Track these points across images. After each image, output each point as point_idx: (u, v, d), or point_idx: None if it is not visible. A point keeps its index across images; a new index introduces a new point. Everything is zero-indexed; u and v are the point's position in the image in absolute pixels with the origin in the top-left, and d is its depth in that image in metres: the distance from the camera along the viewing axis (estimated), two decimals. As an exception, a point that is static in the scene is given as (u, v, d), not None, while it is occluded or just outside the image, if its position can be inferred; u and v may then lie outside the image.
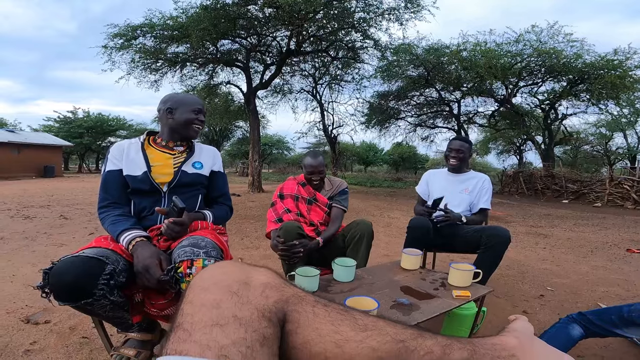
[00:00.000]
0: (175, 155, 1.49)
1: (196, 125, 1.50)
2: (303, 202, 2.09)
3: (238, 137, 28.97)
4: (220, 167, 1.61)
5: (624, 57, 10.57)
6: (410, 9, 8.83)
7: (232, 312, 0.48)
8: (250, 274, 0.55)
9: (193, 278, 0.56)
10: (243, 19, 8.91)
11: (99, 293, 1.02)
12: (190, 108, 1.48)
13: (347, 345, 0.53)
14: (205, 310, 0.48)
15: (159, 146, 1.51)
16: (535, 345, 0.62)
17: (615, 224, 6.25)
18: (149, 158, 1.43)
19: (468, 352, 0.57)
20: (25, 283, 2.33)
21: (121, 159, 1.41)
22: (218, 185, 1.59)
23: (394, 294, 1.36)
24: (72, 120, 24.65)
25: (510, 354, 0.59)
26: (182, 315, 0.49)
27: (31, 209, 6.08)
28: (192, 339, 0.45)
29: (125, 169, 1.39)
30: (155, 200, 1.40)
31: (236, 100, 15.01)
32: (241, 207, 6.98)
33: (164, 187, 1.41)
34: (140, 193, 1.39)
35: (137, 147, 1.46)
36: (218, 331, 0.46)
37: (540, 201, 11.82)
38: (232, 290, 0.51)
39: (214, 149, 1.64)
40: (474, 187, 2.31)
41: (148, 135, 1.55)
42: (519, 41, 11.22)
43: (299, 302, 0.55)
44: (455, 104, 15.68)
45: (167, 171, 1.43)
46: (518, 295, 2.42)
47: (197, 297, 0.51)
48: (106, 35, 9.20)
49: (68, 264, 1.02)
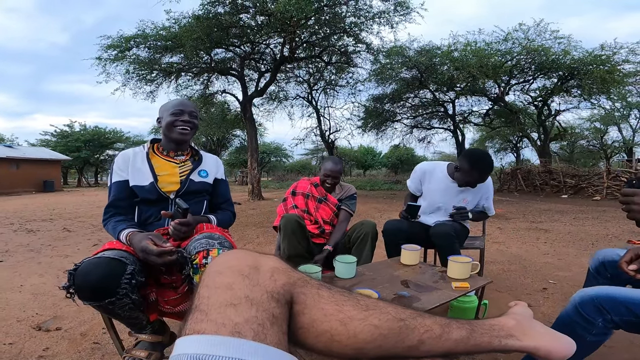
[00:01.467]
0: (180, 164, 1.50)
1: (179, 127, 1.45)
2: (313, 200, 2.20)
3: (236, 146, 29.10)
4: (222, 175, 1.64)
5: (611, 52, 10.74)
6: (400, 11, 9.00)
7: (244, 293, 0.52)
8: (260, 260, 0.59)
9: (209, 264, 0.60)
10: (236, 28, 9.02)
11: (122, 292, 1.06)
12: (170, 111, 1.45)
13: (351, 323, 0.56)
14: (220, 292, 0.52)
15: (163, 155, 1.52)
16: (533, 326, 0.66)
17: (615, 217, 6.31)
18: (154, 167, 1.43)
19: (467, 331, 0.61)
20: (34, 292, 2.37)
21: (126, 169, 1.41)
22: (221, 192, 1.62)
23: (395, 287, 1.39)
24: (69, 134, 24.72)
25: (509, 333, 0.63)
26: (199, 298, 0.53)
27: (34, 222, 6.12)
28: (208, 319, 0.49)
29: (132, 180, 1.40)
30: (162, 208, 1.42)
31: (232, 108, 15.10)
32: (242, 215, 7.01)
33: (171, 195, 1.43)
34: (147, 202, 1.41)
35: (143, 156, 1.46)
36: (232, 310, 0.50)
37: (540, 197, 11.88)
38: (244, 273, 0.55)
39: (216, 158, 1.66)
40: (473, 197, 2.13)
41: (152, 143, 1.55)
42: (507, 40, 11.39)
43: (305, 285, 0.59)
44: (450, 105, 15.82)
45: (174, 180, 1.45)
46: (521, 289, 2.44)
47: (212, 280, 0.55)
48: (100, 47, 9.29)
49: (92, 265, 1.06)
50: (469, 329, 0.61)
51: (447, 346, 0.59)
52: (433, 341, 0.58)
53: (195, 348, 0.46)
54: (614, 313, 0.87)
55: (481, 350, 0.62)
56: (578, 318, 0.91)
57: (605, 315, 0.88)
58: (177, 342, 0.49)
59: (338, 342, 0.56)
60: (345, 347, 0.56)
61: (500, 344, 0.62)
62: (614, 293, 0.89)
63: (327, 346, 0.57)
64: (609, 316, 0.88)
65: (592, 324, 0.89)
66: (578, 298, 0.93)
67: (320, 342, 0.57)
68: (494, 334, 0.63)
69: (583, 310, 0.91)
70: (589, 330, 0.89)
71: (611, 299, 0.88)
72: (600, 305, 0.89)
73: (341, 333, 0.56)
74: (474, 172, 1.93)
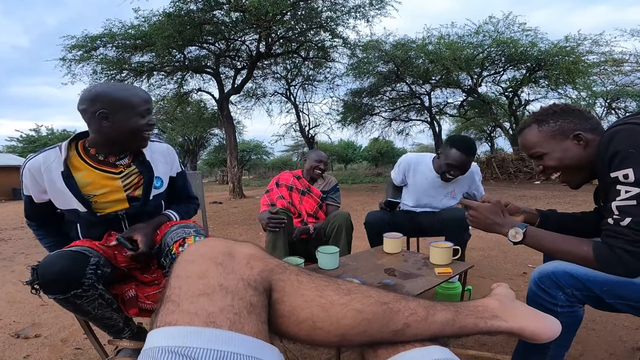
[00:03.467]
0: (122, 173, 1.17)
1: (147, 132, 1.16)
2: (297, 192, 2.19)
3: (215, 145, 28.55)
4: (178, 168, 1.36)
5: (575, 43, 11.19)
6: (375, 5, 9.03)
7: (217, 281, 0.50)
8: (235, 247, 0.56)
9: (180, 254, 0.57)
10: (209, 25, 8.81)
11: (88, 282, 1.00)
12: (137, 111, 1.11)
13: (333, 308, 0.54)
14: (191, 281, 0.50)
15: (95, 162, 1.15)
16: (517, 306, 0.65)
17: (586, 200, 6.57)
18: (83, 184, 1.11)
19: (452, 313, 0.59)
20: (9, 300, 2.29)
21: (40, 187, 1.12)
22: (178, 189, 1.37)
23: (379, 276, 1.40)
24: (36, 139, 23.66)
25: (493, 314, 0.62)
26: (170, 288, 0.50)
27: (5, 231, 5.89)
28: (180, 309, 0.46)
29: (56, 202, 1.13)
30: (111, 226, 1.20)
31: (209, 107, 14.82)
32: (224, 213, 6.91)
33: (119, 212, 1.18)
34: (89, 224, 1.18)
35: (61, 170, 1.08)
36: (205, 300, 0.47)
37: (514, 184, 12.31)
38: (217, 261, 0.52)
39: (166, 147, 1.32)
40: (461, 188, 2.08)
41: (75, 141, 1.17)
42: (478, 32, 11.69)
43: (283, 272, 0.57)
44: (426, 97, 16.12)
45: (117, 197, 1.17)
46: (502, 274, 2.51)
47: (183, 270, 0.52)
48: (63, 47, 8.88)
49: (55, 257, 1.00)
50: (453, 311, 0.60)
51: (434, 329, 0.57)
52: (419, 324, 0.56)
53: (167, 340, 0.43)
54: (574, 288, 0.91)
55: (467, 332, 0.60)
56: (541, 292, 0.95)
57: (565, 290, 0.91)
58: (148, 336, 0.47)
59: (320, 329, 0.54)
60: (328, 334, 0.54)
61: (486, 325, 0.60)
62: (570, 269, 0.92)
63: (310, 334, 0.54)
64: (570, 290, 0.91)
65: (555, 297, 0.92)
66: (537, 274, 0.97)
67: (302, 330, 0.54)
68: (478, 315, 0.61)
69: (544, 285, 0.94)
70: (554, 304, 0.92)
71: (567, 274, 0.92)
72: (557, 280, 0.92)
73: (323, 319, 0.53)
74: (453, 151, 1.84)
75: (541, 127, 1.04)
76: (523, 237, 1.01)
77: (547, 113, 1.05)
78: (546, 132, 1.03)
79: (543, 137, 1.04)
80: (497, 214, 1.09)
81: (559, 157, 1.02)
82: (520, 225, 1.03)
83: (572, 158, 1.00)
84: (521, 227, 1.02)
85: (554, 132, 1.02)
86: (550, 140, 1.03)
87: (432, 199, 2.08)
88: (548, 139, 1.03)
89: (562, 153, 1.01)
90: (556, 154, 1.02)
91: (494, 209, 1.09)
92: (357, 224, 2.08)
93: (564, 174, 1.05)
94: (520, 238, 1.02)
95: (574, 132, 0.99)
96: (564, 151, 1.01)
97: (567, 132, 1.00)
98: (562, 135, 1.01)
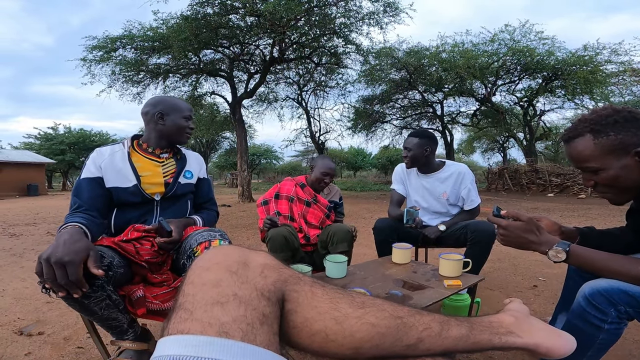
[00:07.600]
0: (163, 163, 1.45)
1: (188, 132, 1.49)
2: (300, 204, 2.08)
3: (225, 148, 28.86)
4: (205, 174, 1.61)
5: (594, 52, 11.00)
6: (389, 12, 9.06)
7: (232, 290, 0.49)
8: (250, 256, 0.56)
9: (194, 261, 0.57)
10: (225, 29, 8.96)
11: (98, 282, 1.02)
12: (183, 114, 1.46)
13: (347, 321, 0.54)
14: (206, 289, 0.49)
15: (146, 153, 1.45)
16: (532, 322, 0.64)
17: (601, 214, 6.41)
18: (136, 167, 1.37)
19: (466, 329, 0.58)
20: (16, 297, 2.31)
21: (101, 168, 1.32)
22: (204, 192, 1.59)
23: (387, 286, 1.38)
24: (53, 137, 24.14)
25: (508, 330, 0.61)
26: (184, 296, 0.50)
27: (17, 227, 5.95)
28: (193, 317, 0.46)
29: (111, 181, 1.32)
30: (147, 211, 1.37)
31: (222, 110, 15.01)
32: (232, 217, 6.94)
33: (155, 196, 1.38)
34: (129, 205, 1.35)
35: (123, 155, 1.38)
36: (219, 309, 0.47)
37: (527, 196, 12.10)
38: (232, 270, 0.52)
39: (197, 155, 1.62)
40: (452, 189, 2.10)
41: (132, 140, 1.48)
42: (494, 41, 11.60)
43: (297, 282, 0.56)
44: (438, 105, 15.99)
45: (157, 181, 1.40)
46: (511, 287, 2.46)
47: (198, 277, 0.52)
48: (85, 48, 9.15)
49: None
50: (468, 327, 0.59)
51: (447, 344, 0.57)
52: (432, 339, 0.56)
53: (179, 349, 0.43)
54: (627, 305, 0.87)
55: (481, 348, 0.60)
56: (590, 308, 0.90)
57: (618, 307, 0.87)
58: (158, 343, 0.46)
59: (333, 342, 0.54)
60: (342, 347, 0.54)
61: (500, 341, 0.60)
62: (625, 287, 0.88)
63: (322, 346, 0.54)
64: (623, 307, 0.87)
65: (606, 313, 0.88)
66: (588, 290, 0.92)
67: (314, 342, 0.54)
68: (493, 331, 0.61)
69: (595, 301, 0.89)
70: (603, 320, 0.89)
71: (622, 292, 0.88)
72: (610, 297, 0.88)
73: (337, 332, 0.53)
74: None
75: (598, 138, 0.91)
76: (566, 256, 0.94)
77: (607, 123, 0.91)
78: (603, 146, 0.90)
79: (599, 151, 0.91)
80: (531, 232, 1.00)
81: (616, 176, 0.91)
82: (561, 244, 0.95)
83: (630, 178, 0.90)
84: (563, 247, 0.94)
85: (614, 146, 0.89)
86: (607, 155, 0.90)
87: (429, 202, 2.14)
88: (605, 154, 0.90)
89: (620, 171, 0.90)
90: (613, 171, 0.91)
91: (528, 227, 1.00)
92: (365, 232, 2.04)
93: (614, 191, 0.97)
94: (563, 257, 0.95)
95: (636, 147, 0.87)
96: (622, 169, 0.90)
97: (629, 147, 0.88)
98: (623, 151, 0.89)
